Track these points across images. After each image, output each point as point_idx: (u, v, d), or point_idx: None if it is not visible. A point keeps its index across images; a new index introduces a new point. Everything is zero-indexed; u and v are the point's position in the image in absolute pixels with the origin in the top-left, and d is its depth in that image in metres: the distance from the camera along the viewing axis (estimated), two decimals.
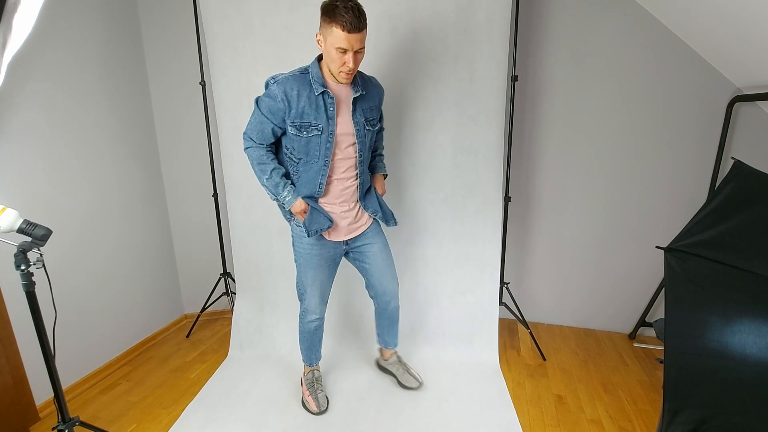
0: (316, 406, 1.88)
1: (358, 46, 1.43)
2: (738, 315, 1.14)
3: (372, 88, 1.67)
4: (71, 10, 2.00)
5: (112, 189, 2.27)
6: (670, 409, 1.21)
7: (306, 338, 1.93)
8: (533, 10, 2.26)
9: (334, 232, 1.73)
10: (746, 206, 1.22)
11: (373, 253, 1.83)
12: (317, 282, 1.80)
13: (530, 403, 1.96)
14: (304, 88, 1.52)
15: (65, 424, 1.43)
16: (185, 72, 2.49)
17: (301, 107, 1.52)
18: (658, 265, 1.44)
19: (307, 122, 1.53)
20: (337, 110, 1.56)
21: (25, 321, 1.44)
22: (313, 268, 1.77)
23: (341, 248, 1.80)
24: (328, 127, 1.55)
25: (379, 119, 1.76)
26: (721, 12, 1.72)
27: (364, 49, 1.48)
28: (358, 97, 1.59)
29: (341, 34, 1.39)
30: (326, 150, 1.58)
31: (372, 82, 1.70)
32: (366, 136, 1.66)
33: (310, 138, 1.56)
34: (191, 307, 2.84)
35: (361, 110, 1.61)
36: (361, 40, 1.43)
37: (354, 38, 1.40)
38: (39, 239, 1.27)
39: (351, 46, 1.41)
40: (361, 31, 1.40)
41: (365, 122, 1.64)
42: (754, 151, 2.11)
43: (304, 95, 1.52)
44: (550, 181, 2.49)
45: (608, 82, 2.27)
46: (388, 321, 2.00)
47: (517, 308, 2.46)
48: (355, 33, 1.39)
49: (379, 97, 1.73)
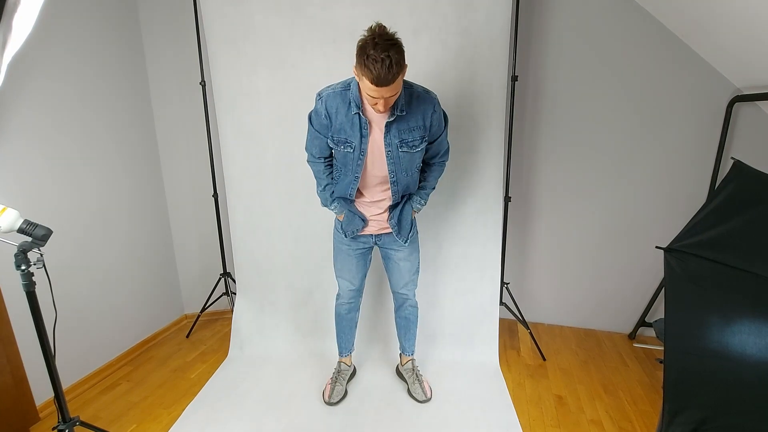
0: (326, 396, 1.96)
1: (389, 94, 1.36)
2: (738, 315, 1.14)
3: (418, 106, 1.54)
4: (71, 10, 2.00)
5: (111, 189, 2.27)
6: (670, 410, 1.21)
7: (338, 321, 2.04)
8: (533, 10, 2.26)
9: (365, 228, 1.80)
10: (746, 207, 1.21)
11: (397, 257, 1.86)
12: (345, 270, 1.90)
13: (530, 404, 1.96)
14: (344, 104, 1.54)
15: (65, 424, 1.43)
16: (185, 72, 2.49)
17: (339, 123, 1.56)
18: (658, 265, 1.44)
19: (342, 138, 1.57)
20: (370, 130, 1.56)
21: (25, 321, 1.44)
22: (342, 257, 1.88)
23: (371, 242, 1.85)
24: (360, 145, 1.56)
25: (424, 141, 1.60)
26: (720, 12, 1.72)
27: (398, 93, 1.42)
28: (392, 120, 1.52)
29: (370, 86, 1.33)
30: (357, 166, 1.61)
31: (421, 98, 1.55)
32: (401, 157, 1.59)
33: (346, 153, 1.60)
34: (191, 307, 2.84)
35: (396, 131, 1.54)
36: (391, 90, 1.35)
37: (384, 90, 1.34)
38: (39, 239, 1.27)
39: (381, 95, 1.36)
40: (390, 83, 1.32)
41: (399, 144, 1.55)
42: (754, 151, 2.10)
43: (343, 112, 1.54)
44: (550, 181, 2.49)
45: (608, 83, 2.27)
46: (404, 321, 2.02)
47: (517, 308, 2.46)
48: (384, 86, 1.32)
49: (425, 115, 1.55)
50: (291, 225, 2.33)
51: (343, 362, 2.07)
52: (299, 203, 2.29)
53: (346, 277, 1.92)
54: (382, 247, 1.88)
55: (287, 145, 2.23)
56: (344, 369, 2.06)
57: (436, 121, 1.60)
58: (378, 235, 1.82)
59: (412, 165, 1.65)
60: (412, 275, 1.92)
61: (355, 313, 2.04)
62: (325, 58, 2.10)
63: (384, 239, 1.83)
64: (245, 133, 2.25)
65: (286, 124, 2.21)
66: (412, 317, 2.02)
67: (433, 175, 1.79)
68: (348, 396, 2.00)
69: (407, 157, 1.61)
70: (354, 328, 2.07)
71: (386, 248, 1.87)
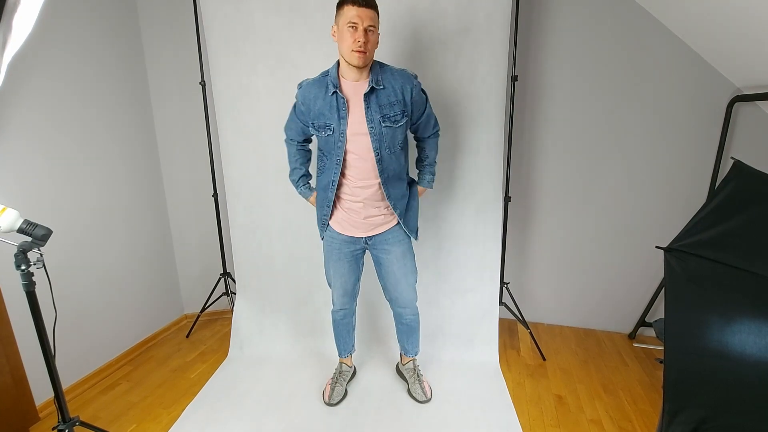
0: (326, 397, 1.95)
1: (369, 23, 1.44)
2: (738, 315, 1.14)
3: (394, 81, 1.57)
4: (71, 9, 2.00)
5: (111, 189, 2.27)
6: (670, 410, 1.21)
7: (334, 327, 2.02)
8: (533, 10, 2.26)
9: (351, 228, 1.74)
10: (746, 206, 1.21)
11: (388, 261, 1.79)
12: (338, 275, 1.85)
13: (530, 404, 1.96)
14: (321, 90, 1.58)
15: (65, 424, 1.43)
16: (185, 72, 2.49)
17: (318, 109, 1.59)
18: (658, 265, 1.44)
19: (322, 122, 1.60)
20: (349, 109, 1.56)
21: (25, 321, 1.45)
22: (333, 261, 1.83)
23: (360, 245, 1.79)
24: (339, 126, 1.57)
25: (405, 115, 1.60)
26: (720, 12, 1.72)
27: (376, 33, 1.49)
28: (370, 92, 1.53)
29: (352, 9, 1.43)
30: (338, 149, 1.60)
31: (396, 74, 1.59)
32: (384, 134, 1.58)
33: (327, 138, 1.61)
34: (191, 307, 2.84)
35: (377, 106, 1.55)
36: (371, 17, 1.44)
37: (364, 13, 1.43)
38: (39, 239, 1.27)
39: (361, 21, 1.43)
40: (370, 7, 1.44)
41: (382, 119, 1.56)
42: (754, 151, 2.11)
43: (320, 97, 1.58)
44: (550, 181, 2.49)
45: (608, 82, 2.27)
46: (406, 328, 1.98)
47: (517, 308, 2.46)
48: (365, 8, 1.43)
49: (403, 90, 1.57)
50: (291, 225, 2.32)
51: (344, 363, 2.07)
52: (299, 203, 2.28)
53: (338, 285, 1.87)
54: (373, 249, 1.81)
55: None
56: (345, 370, 2.05)
57: (417, 95, 1.62)
58: (369, 237, 1.77)
59: (395, 142, 1.62)
60: (408, 280, 1.84)
61: (351, 318, 2.01)
62: (325, 58, 2.10)
63: (375, 240, 1.77)
64: (245, 133, 2.25)
65: None
66: (414, 324, 1.96)
67: (431, 147, 1.81)
68: (348, 396, 2.00)
69: (390, 133, 1.59)
70: (352, 332, 2.05)
71: (378, 249, 1.79)
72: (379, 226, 1.75)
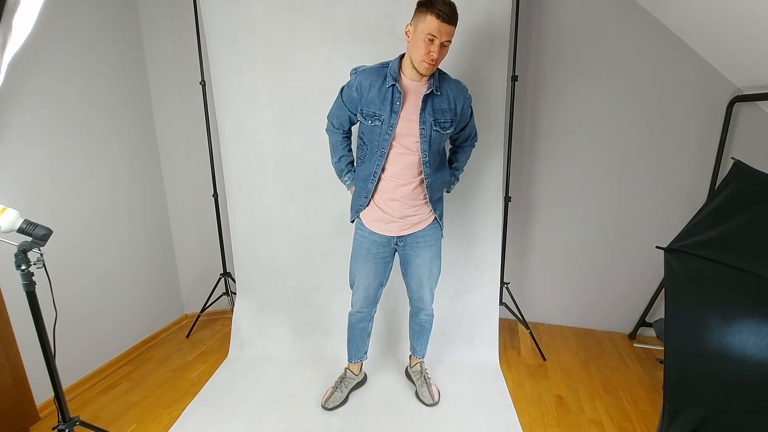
0: (323, 399, 1.93)
1: (446, 38, 1.44)
2: (738, 315, 1.14)
3: (450, 90, 1.61)
4: (71, 9, 2.00)
5: (111, 189, 2.27)
6: (670, 410, 1.21)
7: (348, 329, 1.97)
8: (533, 10, 2.26)
9: (385, 225, 1.73)
10: (747, 207, 1.21)
11: (416, 263, 1.79)
12: (362, 276, 1.83)
13: (530, 404, 1.96)
14: (378, 80, 1.58)
15: (65, 424, 1.43)
16: (185, 72, 2.49)
17: (371, 97, 1.58)
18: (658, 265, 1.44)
19: (371, 111, 1.59)
20: (403, 105, 1.57)
21: (25, 321, 1.44)
22: (360, 261, 1.81)
23: (391, 246, 1.78)
24: (389, 119, 1.57)
25: (453, 124, 1.64)
26: (720, 12, 1.72)
27: (448, 47, 1.49)
28: (429, 94, 1.56)
29: (435, 22, 1.41)
30: (384, 141, 1.60)
31: (452, 84, 1.63)
32: (433, 137, 1.60)
33: (373, 127, 1.61)
34: (191, 307, 2.84)
35: (431, 109, 1.57)
36: (450, 33, 1.45)
37: (445, 28, 1.42)
38: (39, 239, 1.27)
39: (440, 35, 1.43)
40: (452, 23, 1.43)
41: (434, 122, 1.58)
42: (754, 151, 2.11)
43: (376, 86, 1.58)
44: (550, 181, 2.49)
45: (608, 82, 2.27)
46: (419, 327, 1.97)
47: (517, 308, 2.46)
48: (447, 24, 1.42)
49: (456, 100, 1.61)
50: (291, 225, 2.32)
51: (349, 369, 2.02)
52: (299, 203, 2.29)
53: (361, 286, 1.84)
54: (403, 250, 1.79)
55: (287, 145, 2.23)
56: (349, 377, 2.01)
57: (467, 110, 1.69)
58: (400, 237, 1.75)
59: (441, 147, 1.69)
60: (431, 283, 1.86)
61: (368, 323, 1.97)
62: (325, 58, 2.10)
63: (407, 240, 1.76)
64: (245, 133, 2.25)
65: (286, 124, 2.21)
66: (427, 325, 1.96)
67: (464, 155, 1.87)
68: (348, 397, 2.00)
69: (438, 138, 1.62)
70: (366, 338, 1.99)
71: (408, 250, 1.78)
72: (413, 226, 1.74)
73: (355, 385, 2.04)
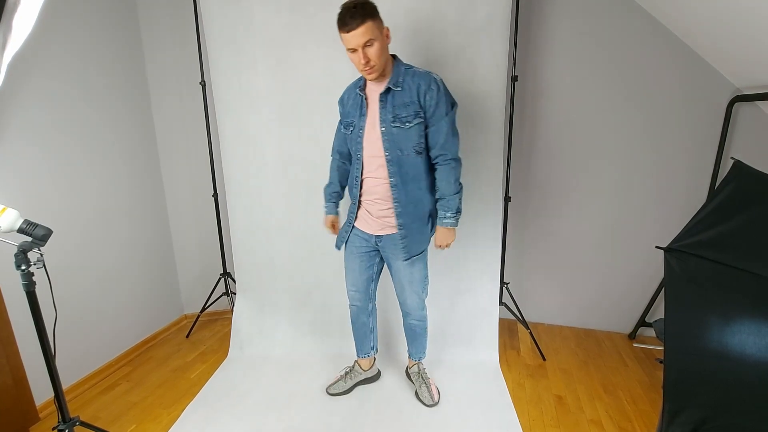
0: (329, 384, 2.03)
1: (361, 41, 1.43)
2: (738, 315, 1.14)
3: (413, 82, 1.54)
4: (71, 9, 2.00)
5: (111, 189, 2.27)
6: (670, 410, 1.21)
7: (351, 324, 2.03)
8: (533, 10, 2.26)
9: (365, 223, 1.76)
10: (746, 206, 1.21)
11: (395, 267, 1.79)
12: (348, 269, 1.90)
13: (530, 404, 1.96)
14: (353, 91, 1.69)
15: (65, 424, 1.43)
16: (185, 72, 2.49)
17: (349, 107, 1.71)
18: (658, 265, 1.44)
19: (349, 120, 1.70)
20: (368, 109, 1.63)
21: (25, 321, 1.44)
22: (347, 255, 1.87)
23: (372, 243, 1.79)
24: (359, 123, 1.65)
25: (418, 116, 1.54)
26: (720, 12, 1.72)
27: (377, 42, 1.46)
28: (385, 93, 1.57)
29: (344, 36, 1.45)
30: (357, 145, 1.66)
31: (418, 76, 1.55)
32: (393, 134, 1.57)
33: (351, 135, 1.69)
34: (191, 307, 2.84)
35: (391, 106, 1.56)
36: (362, 34, 1.42)
37: (352, 36, 1.42)
38: (39, 239, 1.27)
39: (356, 44, 1.44)
40: (358, 27, 1.40)
41: (393, 119, 1.55)
42: (754, 151, 2.10)
43: (351, 97, 1.70)
44: (550, 181, 2.49)
45: (608, 82, 2.27)
46: (410, 331, 1.97)
47: (517, 308, 2.46)
48: (354, 29, 1.41)
49: (419, 90, 1.53)
50: (291, 225, 2.33)
51: (358, 363, 2.06)
52: (299, 203, 2.29)
53: (349, 277, 1.91)
54: (384, 251, 1.79)
55: (287, 145, 2.23)
56: (356, 370, 2.05)
57: (431, 99, 1.54)
58: (378, 236, 1.76)
59: (408, 144, 1.58)
60: (413, 288, 1.81)
61: (367, 318, 1.98)
62: (325, 58, 2.10)
63: (384, 241, 1.75)
64: (245, 133, 2.25)
65: (286, 124, 2.21)
66: (419, 329, 1.95)
67: (441, 176, 1.64)
68: (349, 396, 2.00)
69: (401, 134, 1.57)
70: (369, 333, 2.01)
71: (388, 252, 1.78)
72: (392, 227, 1.72)
73: (364, 380, 2.07)
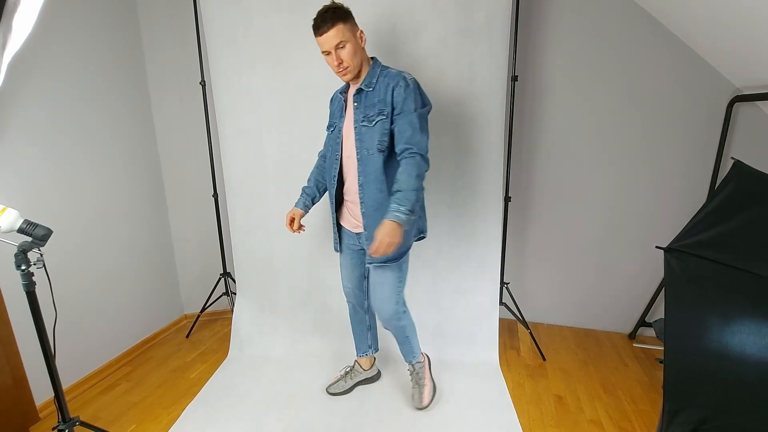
0: (329, 383, 2.03)
1: (333, 43, 1.46)
2: (738, 315, 1.14)
3: (383, 83, 1.54)
4: (71, 9, 2.00)
5: (111, 189, 2.27)
6: (669, 410, 1.21)
7: (350, 320, 2.04)
8: (533, 10, 2.26)
9: (348, 221, 1.78)
10: (746, 206, 1.21)
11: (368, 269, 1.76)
12: (342, 267, 1.91)
13: (530, 404, 1.96)
14: (337, 94, 1.74)
15: (65, 424, 1.43)
16: (185, 72, 2.49)
17: (333, 110, 1.76)
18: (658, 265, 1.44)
19: (332, 122, 1.75)
20: (346, 110, 1.67)
21: (25, 321, 1.44)
22: (340, 252, 1.89)
23: (356, 240, 1.79)
24: (338, 124, 1.69)
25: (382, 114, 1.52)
26: (720, 12, 1.72)
27: (350, 43, 1.48)
28: (357, 93, 1.59)
29: (318, 39, 1.49)
30: (336, 145, 1.69)
31: (389, 76, 1.55)
32: (363, 133, 1.57)
33: (331, 135, 1.74)
34: (191, 307, 2.84)
35: (363, 107, 1.59)
36: (335, 36, 1.45)
37: (325, 39, 1.46)
38: (39, 239, 1.27)
39: (329, 46, 1.47)
40: (328, 30, 1.44)
41: (362, 118, 1.57)
42: (754, 151, 2.10)
43: (336, 100, 1.74)
44: (550, 181, 2.49)
45: (608, 82, 2.27)
46: (394, 335, 1.90)
47: (517, 308, 2.46)
48: (325, 33, 1.45)
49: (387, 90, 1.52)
50: None
51: (358, 362, 2.07)
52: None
53: (342, 273, 1.92)
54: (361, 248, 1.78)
55: (287, 145, 2.23)
56: (356, 369, 2.05)
57: (399, 96, 1.50)
58: (358, 234, 1.74)
59: (372, 142, 1.55)
60: (383, 290, 1.71)
61: (364, 315, 1.99)
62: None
63: (362, 238, 1.71)
64: (245, 133, 2.25)
65: (286, 124, 2.21)
66: (397, 333, 1.86)
67: (403, 171, 1.47)
68: (349, 396, 2.00)
69: (368, 133, 1.56)
70: (366, 331, 2.01)
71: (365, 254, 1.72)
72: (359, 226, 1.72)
73: (364, 380, 2.07)
